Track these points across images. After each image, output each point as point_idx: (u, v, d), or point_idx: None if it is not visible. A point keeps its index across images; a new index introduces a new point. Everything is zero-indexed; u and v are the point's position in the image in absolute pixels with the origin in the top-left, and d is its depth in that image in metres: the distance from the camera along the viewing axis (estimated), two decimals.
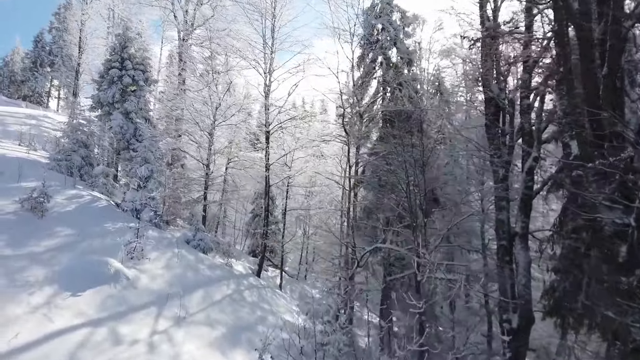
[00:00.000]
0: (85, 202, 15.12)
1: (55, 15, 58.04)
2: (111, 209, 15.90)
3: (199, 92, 22.27)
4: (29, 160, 17.75)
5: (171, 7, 27.07)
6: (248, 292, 15.42)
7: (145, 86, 23.22)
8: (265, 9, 20.43)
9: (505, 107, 15.83)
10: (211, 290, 13.51)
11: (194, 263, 14.99)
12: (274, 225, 24.56)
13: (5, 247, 10.29)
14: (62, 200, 14.22)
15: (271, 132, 20.10)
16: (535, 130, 14.90)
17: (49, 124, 31.64)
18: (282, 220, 24.46)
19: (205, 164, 20.63)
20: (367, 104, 22.02)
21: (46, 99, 60.04)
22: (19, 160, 17.14)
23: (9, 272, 9.37)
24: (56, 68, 58.11)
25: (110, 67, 22.73)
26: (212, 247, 17.34)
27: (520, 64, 15.68)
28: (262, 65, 20.32)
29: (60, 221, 12.71)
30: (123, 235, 13.71)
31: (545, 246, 15.74)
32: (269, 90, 20.24)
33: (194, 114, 20.69)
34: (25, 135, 24.51)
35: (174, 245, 15.50)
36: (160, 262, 13.41)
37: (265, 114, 20.05)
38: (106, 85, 22.52)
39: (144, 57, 23.86)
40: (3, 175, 14.05)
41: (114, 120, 21.60)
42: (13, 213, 12.00)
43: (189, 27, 26.34)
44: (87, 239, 12.44)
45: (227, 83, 20.96)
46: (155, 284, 11.78)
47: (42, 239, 11.40)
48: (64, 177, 16.39)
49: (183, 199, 20.40)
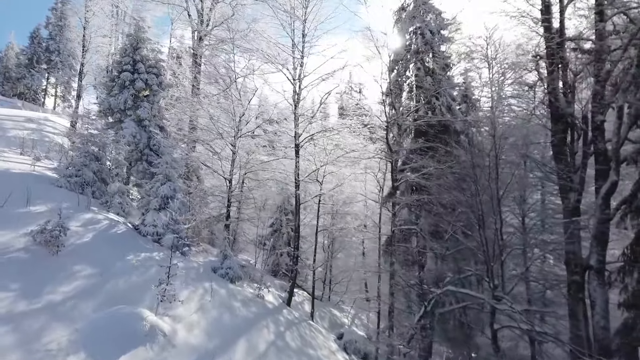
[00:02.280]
0: (102, 229, 13.28)
1: (52, 10, 56.03)
2: (131, 235, 14.07)
3: (219, 98, 20.39)
4: (35, 175, 15.87)
5: (184, 4, 25.15)
6: (289, 334, 13.64)
7: (159, 91, 21.36)
8: (293, 7, 18.53)
9: (576, 124, 14.17)
10: (252, 337, 11.71)
11: (227, 299, 13.20)
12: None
13: (20, 299, 8.46)
14: (78, 227, 12.36)
15: (301, 145, 18.24)
16: (613, 150, 13.24)
17: (51, 128, 29.68)
18: (304, 238, 22.69)
19: (228, 179, 18.73)
20: (406, 114, 20.20)
21: (42, 97, 58.02)
22: (25, 176, 15.31)
23: (26, 337, 7.57)
24: (53, 65, 56.16)
25: (122, 70, 20.84)
26: (241, 275, 15.54)
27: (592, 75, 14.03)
28: (290, 71, 18.44)
29: (78, 257, 10.88)
30: (149, 269, 11.99)
31: (615, 278, 14.19)
32: (299, 99, 18.33)
33: (216, 123, 18.72)
34: (27, 142, 22.64)
35: (202, 277, 13.74)
36: (193, 304, 11.63)
37: (295, 124, 18.14)
38: (117, 90, 20.63)
39: (157, 60, 21.98)
40: (11, 198, 12.14)
41: (126, 128, 19.74)
42: (24, 250, 10.15)
43: (204, 27, 24.38)
44: (110, 279, 10.63)
45: (253, 90, 19.10)
46: (193, 337, 9.98)
47: (60, 283, 9.58)
48: (76, 197, 14.57)
49: (203, 216, 18.54)
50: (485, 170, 13.00)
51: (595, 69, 13.66)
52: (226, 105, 18.88)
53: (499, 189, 12.90)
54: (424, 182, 17.77)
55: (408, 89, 21.93)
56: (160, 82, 21.47)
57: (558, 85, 14.37)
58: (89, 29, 30.49)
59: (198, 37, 24.02)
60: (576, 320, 13.27)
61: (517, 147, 14.56)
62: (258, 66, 18.93)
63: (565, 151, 14.16)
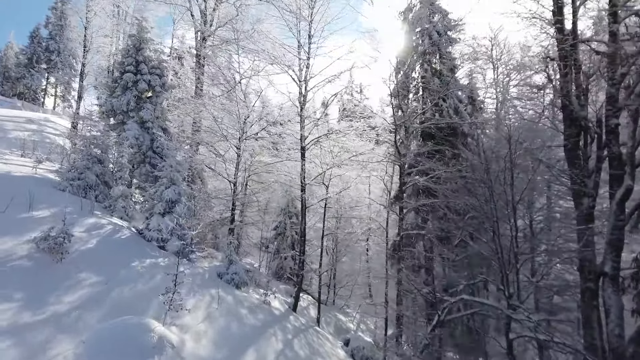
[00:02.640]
0: (106, 234, 12.97)
1: (52, 9, 55.78)
2: (135, 240, 13.77)
3: (222, 99, 20.10)
4: (37, 179, 15.56)
5: (187, 4, 24.83)
6: (297, 342, 13.34)
7: (162, 92, 21.08)
8: (299, 8, 18.21)
9: (589, 128, 13.89)
10: (261, 347, 11.42)
11: (234, 307, 12.91)
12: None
13: (24, 310, 8.17)
14: (82, 233, 12.07)
15: (307, 148, 17.91)
16: (628, 154, 12.96)
17: (51, 129, 29.40)
18: (308, 241, 22.36)
19: (233, 182, 18.42)
20: (413, 116, 19.88)
21: (42, 97, 57.76)
22: (26, 179, 15.02)
23: (31, 351, 7.29)
24: (53, 65, 55.90)
25: (124, 70, 20.57)
26: (247, 280, 15.25)
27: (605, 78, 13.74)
28: (296, 72, 18.13)
29: (82, 264, 10.58)
30: (154, 277, 11.70)
31: (628, 284, 13.92)
32: (305, 101, 18.00)
33: (220, 125, 18.40)
34: (28, 144, 22.38)
35: (208, 283, 13.46)
36: (200, 312, 11.35)
37: (300, 127, 17.80)
38: (119, 91, 20.35)
39: (160, 60, 21.70)
40: (13, 203, 11.85)
41: (129, 130, 19.48)
42: (27, 257, 9.86)
43: (207, 27, 24.09)
44: (116, 287, 10.34)
45: (257, 91, 18.79)
46: (202, 348, 9.69)
47: (65, 293, 9.29)
48: (79, 201, 14.25)
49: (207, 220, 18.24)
50: (500, 175, 12.68)
51: (609, 71, 13.36)
52: (230, 106, 18.56)
53: (515, 194, 12.57)
54: (432, 185, 17.48)
55: (415, 90, 21.66)
56: (164, 83, 21.18)
57: (571, 88, 14.09)
58: (90, 29, 30.15)
59: (201, 38, 23.74)
60: (590, 328, 12.97)
61: (529, 151, 14.22)
62: (263, 67, 18.61)
63: (579, 155, 13.87)
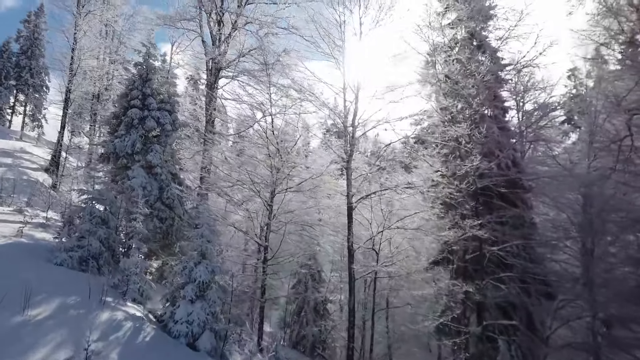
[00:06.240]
0: (127, 338, 9.68)
1: (25, 22, 52.07)
2: (159, 339, 10.49)
3: (244, 144, 17.16)
4: (25, 246, 12.19)
5: (198, 30, 21.83)
6: None
7: (172, 131, 17.98)
8: (343, 34, 15.59)
9: None
10: None
11: None
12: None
13: None
14: (97, 342, 8.77)
15: (354, 206, 15.02)
16: None
17: (28, 162, 25.61)
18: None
19: (264, 246, 15.25)
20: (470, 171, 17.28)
21: (10, 115, 53.56)
22: (12, 249, 11.66)
23: None
24: (23, 82, 52.02)
25: (129, 105, 17.37)
26: None
27: None
28: (341, 115, 15.37)
29: None
30: None
31: None
32: (353, 151, 15.19)
33: (252, 177, 15.24)
34: (5, 186, 18.87)
35: None
36: None
37: (347, 181, 14.97)
38: (123, 129, 17.11)
39: (171, 94, 18.63)
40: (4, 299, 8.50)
41: (135, 178, 16.18)
42: None
43: (220, 56, 21.02)
44: None
45: (294, 137, 15.89)
46: None
47: None
48: (83, 280, 10.85)
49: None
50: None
51: None
52: (262, 156, 15.51)
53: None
54: (504, 255, 14.88)
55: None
56: (174, 120, 18.08)
57: None
58: (78, 50, 26.56)
59: (216, 70, 20.62)
60: None
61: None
62: (300, 111, 15.73)
63: None
